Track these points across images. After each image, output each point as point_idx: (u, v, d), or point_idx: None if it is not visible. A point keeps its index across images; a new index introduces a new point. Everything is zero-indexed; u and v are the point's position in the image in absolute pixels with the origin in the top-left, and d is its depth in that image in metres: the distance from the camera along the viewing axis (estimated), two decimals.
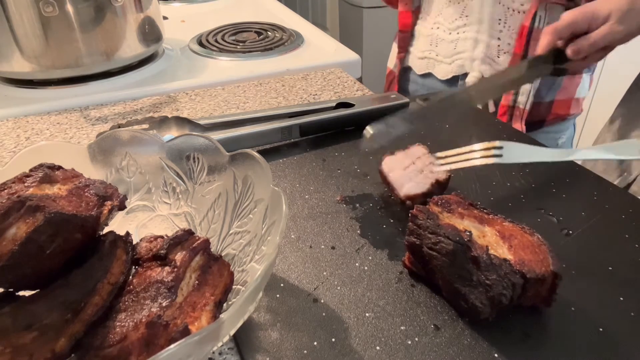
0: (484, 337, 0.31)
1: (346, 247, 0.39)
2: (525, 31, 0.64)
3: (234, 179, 0.34)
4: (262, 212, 0.31)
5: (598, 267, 0.37)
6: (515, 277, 0.30)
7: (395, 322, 0.32)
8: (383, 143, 0.43)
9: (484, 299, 0.30)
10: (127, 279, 0.28)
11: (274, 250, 0.24)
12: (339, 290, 0.34)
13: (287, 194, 0.46)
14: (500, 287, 0.29)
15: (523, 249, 0.32)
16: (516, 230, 0.34)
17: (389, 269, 0.37)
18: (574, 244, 0.39)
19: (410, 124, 0.43)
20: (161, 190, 0.38)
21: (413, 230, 0.33)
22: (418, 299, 0.34)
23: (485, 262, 0.30)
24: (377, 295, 0.34)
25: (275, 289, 0.35)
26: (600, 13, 0.48)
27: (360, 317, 0.32)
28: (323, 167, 0.50)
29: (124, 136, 0.38)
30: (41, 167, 0.31)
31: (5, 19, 0.63)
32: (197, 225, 0.36)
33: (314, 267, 0.37)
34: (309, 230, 0.41)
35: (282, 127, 0.53)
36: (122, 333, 0.22)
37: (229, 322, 0.21)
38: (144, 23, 0.74)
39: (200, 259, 0.27)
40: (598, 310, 0.33)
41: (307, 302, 0.33)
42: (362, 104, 0.58)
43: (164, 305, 0.23)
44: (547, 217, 0.42)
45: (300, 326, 0.31)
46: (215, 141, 0.36)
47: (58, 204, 0.25)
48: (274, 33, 0.90)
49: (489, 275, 0.29)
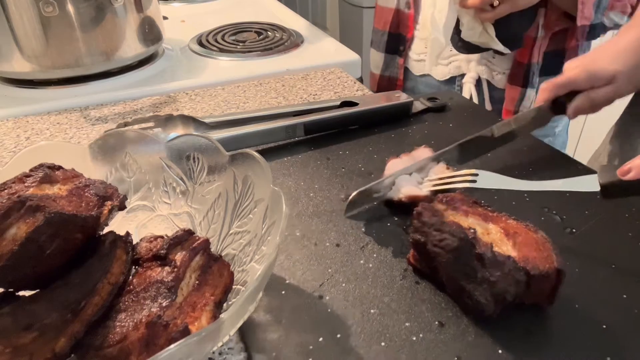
0: (488, 334, 0.31)
1: (351, 244, 0.39)
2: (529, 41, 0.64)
3: (234, 179, 0.34)
4: (262, 212, 0.31)
5: (601, 265, 0.37)
6: (519, 274, 0.30)
7: (400, 318, 0.32)
8: (363, 209, 0.43)
9: (488, 296, 0.30)
10: (127, 279, 0.27)
11: (274, 250, 0.24)
12: (344, 287, 0.35)
13: (292, 192, 0.46)
14: (504, 284, 0.29)
15: (527, 246, 0.32)
16: (520, 227, 0.34)
17: (393, 266, 0.37)
18: (578, 242, 0.39)
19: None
20: (161, 190, 0.38)
21: (418, 227, 0.33)
22: (422, 296, 0.34)
23: (490, 259, 0.30)
24: (381, 292, 0.34)
25: (281, 286, 0.35)
26: (603, 74, 0.45)
27: (365, 313, 0.32)
28: (327, 165, 0.51)
29: (124, 135, 0.38)
30: (41, 167, 0.31)
31: (5, 19, 0.63)
32: (197, 225, 0.36)
33: (319, 264, 0.37)
34: (314, 227, 0.41)
35: (287, 125, 0.53)
36: (122, 333, 0.22)
37: (228, 322, 0.21)
38: (144, 23, 0.74)
39: (200, 259, 0.27)
40: (601, 308, 0.33)
41: (313, 298, 0.34)
42: (366, 102, 0.58)
43: (164, 306, 0.23)
44: (551, 215, 0.42)
45: (305, 322, 0.32)
46: (215, 141, 0.36)
47: (58, 204, 0.25)
48: (274, 33, 0.90)
49: (493, 272, 0.29)
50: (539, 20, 0.63)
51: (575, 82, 0.46)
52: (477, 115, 0.61)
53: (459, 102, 0.63)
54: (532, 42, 0.65)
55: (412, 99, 0.59)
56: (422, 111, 0.61)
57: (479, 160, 0.49)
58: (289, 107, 0.58)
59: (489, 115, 0.65)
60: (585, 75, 0.45)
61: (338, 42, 0.88)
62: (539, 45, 0.65)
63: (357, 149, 0.53)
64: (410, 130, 0.58)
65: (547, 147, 0.54)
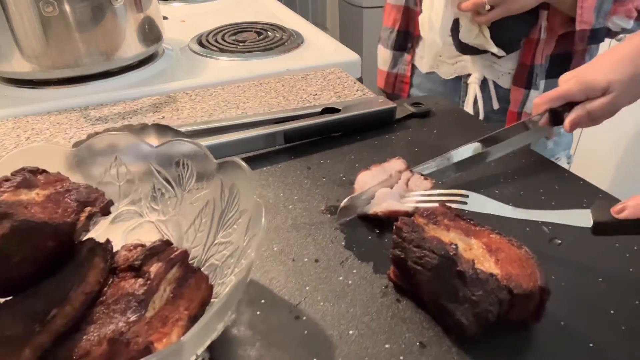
0: (472, 355, 0.30)
1: (330, 259, 0.38)
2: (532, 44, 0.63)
3: (222, 188, 0.34)
4: (245, 224, 0.30)
5: (588, 278, 0.36)
6: (502, 293, 0.29)
7: (379, 339, 0.31)
8: (354, 215, 0.42)
9: (470, 316, 0.29)
10: (103, 289, 0.27)
11: (247, 266, 0.23)
12: (322, 306, 0.33)
13: (271, 203, 0.45)
14: (486, 304, 0.28)
15: (510, 263, 0.31)
16: (503, 242, 0.33)
17: (373, 282, 0.35)
18: (564, 253, 0.38)
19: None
20: (150, 197, 0.38)
21: (398, 243, 0.32)
22: (403, 315, 0.33)
23: (472, 277, 0.29)
24: (361, 311, 0.33)
25: (256, 305, 0.34)
26: (598, 85, 0.44)
27: (344, 334, 0.31)
28: (308, 175, 0.49)
29: (115, 139, 0.37)
30: (22, 171, 0.30)
31: (5, 19, 0.63)
32: (183, 234, 0.36)
33: (297, 281, 0.36)
34: (292, 242, 0.40)
35: (267, 133, 0.51)
36: (86, 348, 0.21)
37: (191, 342, 0.20)
38: (144, 23, 0.74)
39: (177, 271, 0.26)
40: (588, 325, 0.32)
41: (289, 318, 0.32)
42: (348, 109, 0.56)
43: (130, 320, 0.22)
44: (538, 226, 0.41)
45: (281, 344, 0.30)
46: (204, 148, 0.35)
47: (29, 210, 0.25)
48: (274, 33, 0.89)
49: (475, 291, 0.29)
50: (542, 23, 0.62)
51: (569, 94, 0.45)
52: (462, 121, 0.60)
53: (443, 108, 0.62)
54: (535, 44, 0.64)
55: (395, 105, 0.58)
56: (406, 117, 0.59)
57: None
58: (269, 114, 0.56)
59: (474, 120, 0.63)
60: (579, 87, 0.44)
61: (338, 42, 0.87)
62: (541, 47, 0.64)
63: (339, 158, 0.52)
64: (393, 137, 0.56)
65: (532, 152, 0.52)
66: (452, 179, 0.47)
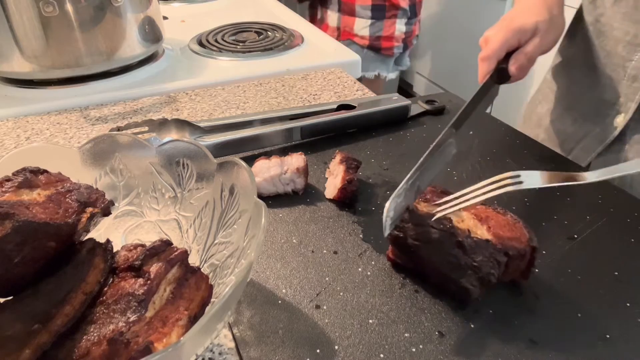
0: (489, 344, 0.30)
1: (349, 251, 0.39)
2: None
3: (222, 187, 0.34)
4: (245, 224, 0.30)
5: (604, 272, 0.36)
6: (500, 255, 0.31)
7: (399, 329, 0.31)
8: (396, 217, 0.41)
9: (474, 281, 0.30)
10: (103, 289, 0.27)
11: (247, 266, 0.23)
12: (341, 296, 0.34)
13: (288, 197, 0.46)
14: (488, 267, 0.30)
15: (501, 228, 0.33)
16: (489, 211, 0.35)
17: (392, 274, 0.36)
18: (580, 248, 0.39)
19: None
20: (150, 196, 0.38)
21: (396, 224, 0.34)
22: (422, 305, 0.33)
23: (470, 245, 0.31)
24: (380, 301, 0.34)
25: (277, 295, 0.34)
26: (527, 27, 0.47)
27: (364, 324, 0.32)
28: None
29: (115, 139, 0.37)
30: (23, 171, 0.30)
31: (5, 19, 0.63)
32: (184, 233, 0.36)
33: (316, 272, 0.36)
34: (311, 234, 0.41)
35: (284, 129, 0.52)
36: (85, 348, 0.21)
37: (191, 342, 0.20)
38: (144, 23, 0.74)
39: (176, 271, 0.26)
40: (604, 317, 0.33)
41: (310, 308, 0.33)
42: (364, 106, 0.57)
43: (130, 320, 0.22)
44: (553, 221, 0.42)
45: (302, 333, 0.31)
46: (203, 147, 0.35)
47: (31, 211, 0.25)
48: (274, 33, 0.89)
49: (475, 258, 0.30)
50: None
51: (507, 41, 0.47)
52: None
53: (457, 105, 0.62)
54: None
55: (409, 102, 0.58)
56: (420, 114, 0.59)
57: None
58: (286, 110, 0.57)
59: (487, 117, 0.63)
60: (512, 33, 0.47)
61: (338, 42, 0.87)
62: None
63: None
64: (408, 133, 0.57)
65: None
66: (452, 180, 0.47)
